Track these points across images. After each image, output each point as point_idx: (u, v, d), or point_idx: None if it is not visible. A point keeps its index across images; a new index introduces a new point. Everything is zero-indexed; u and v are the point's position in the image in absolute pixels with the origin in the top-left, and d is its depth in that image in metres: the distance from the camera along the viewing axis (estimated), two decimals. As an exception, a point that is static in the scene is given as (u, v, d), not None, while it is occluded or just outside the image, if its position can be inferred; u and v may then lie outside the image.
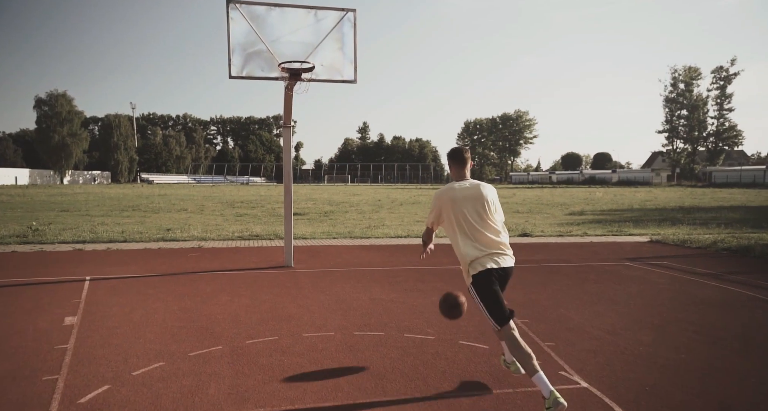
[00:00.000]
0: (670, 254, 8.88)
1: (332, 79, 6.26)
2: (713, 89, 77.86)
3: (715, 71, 77.26)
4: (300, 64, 5.98)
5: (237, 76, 6.02)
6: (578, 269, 7.41)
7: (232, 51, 5.98)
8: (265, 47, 6.13)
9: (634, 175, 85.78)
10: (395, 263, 7.91)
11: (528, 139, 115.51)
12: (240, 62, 6.04)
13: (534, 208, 21.61)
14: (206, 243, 10.22)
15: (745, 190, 50.22)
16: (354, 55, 6.30)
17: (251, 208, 21.38)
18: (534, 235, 11.74)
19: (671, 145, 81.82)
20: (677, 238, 10.34)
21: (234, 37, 5.99)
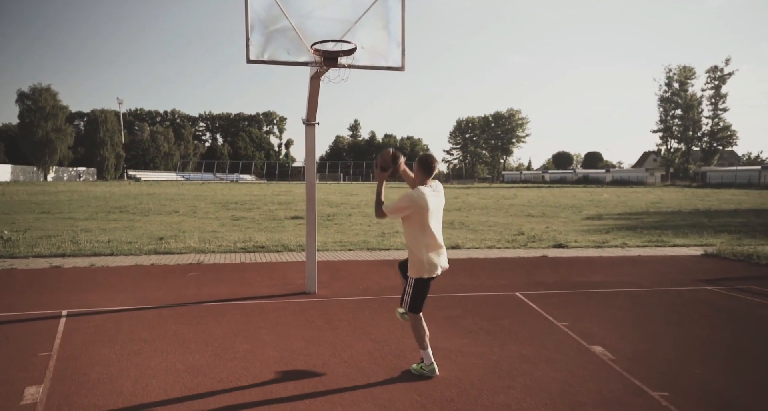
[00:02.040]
0: (747, 274, 7.75)
1: (375, 65, 5.00)
2: (708, 89, 77.61)
3: (710, 71, 76.97)
4: (336, 45, 4.70)
5: (257, 60, 4.74)
6: (659, 297, 6.22)
7: (250, 28, 4.69)
8: (291, 24, 4.85)
9: (628, 175, 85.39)
10: (436, 286, 6.65)
11: (520, 137, 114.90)
12: (260, 43, 4.76)
13: (547, 212, 20.51)
14: (205, 257, 8.91)
15: (747, 191, 49.70)
16: (402, 35, 5.04)
17: (247, 211, 20.02)
18: (570, 247, 10.58)
19: (666, 145, 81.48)
20: (737, 252, 9.22)
21: (253, 11, 4.70)
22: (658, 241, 11.23)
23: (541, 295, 6.16)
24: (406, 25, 5.06)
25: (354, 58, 4.88)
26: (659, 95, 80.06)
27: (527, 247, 10.52)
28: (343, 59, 4.77)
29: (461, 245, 10.50)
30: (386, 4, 5.01)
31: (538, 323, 4.96)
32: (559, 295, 6.19)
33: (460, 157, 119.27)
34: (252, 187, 50.23)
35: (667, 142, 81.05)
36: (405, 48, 5.03)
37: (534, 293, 6.21)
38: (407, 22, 5.05)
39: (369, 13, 4.97)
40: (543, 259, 9.01)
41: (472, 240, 11.35)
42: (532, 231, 13.56)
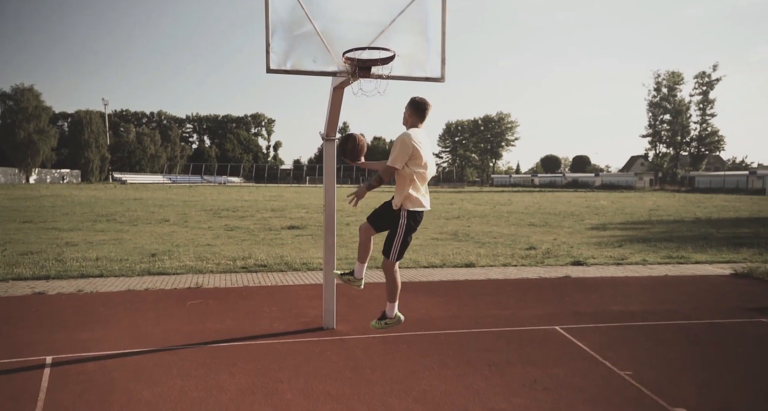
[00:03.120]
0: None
1: (412, 76, 4.36)
2: (695, 94, 78.26)
3: (698, 77, 77.61)
4: (371, 52, 4.05)
5: (278, 69, 4.08)
6: (717, 333, 5.61)
7: (271, 32, 4.03)
8: (317, 29, 4.20)
9: (617, 179, 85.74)
10: (465, 318, 6.04)
11: (509, 141, 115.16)
12: (282, 50, 4.09)
13: (548, 221, 20.02)
14: (204, 278, 8.19)
15: (737, 196, 49.89)
16: (442, 41, 4.41)
17: (241, 219, 19.26)
18: (589, 264, 10.03)
19: (654, 150, 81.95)
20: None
21: (275, 13, 4.04)
22: (678, 257, 10.73)
23: (583, 330, 5.56)
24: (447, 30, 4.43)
25: (389, 67, 4.24)
26: (648, 100, 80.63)
27: (544, 265, 9.95)
28: (377, 69, 4.13)
29: (475, 263, 9.90)
30: (424, 6, 4.37)
31: (598, 372, 4.35)
32: (603, 330, 5.60)
33: (449, 161, 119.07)
34: (242, 191, 49.28)
35: (656, 147, 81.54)
36: (445, 56, 4.40)
37: (575, 328, 5.61)
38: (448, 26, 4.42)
39: (405, 16, 4.34)
40: (567, 281, 8.44)
41: (485, 256, 10.75)
42: (541, 244, 13.02)
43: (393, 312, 4.46)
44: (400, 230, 4.18)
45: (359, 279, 4.73)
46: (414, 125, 4.04)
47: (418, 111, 3.96)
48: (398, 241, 4.19)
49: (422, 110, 3.99)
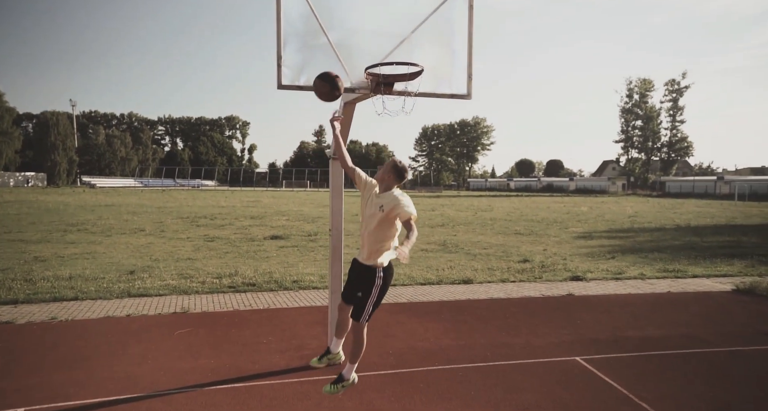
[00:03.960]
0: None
1: (437, 93, 3.95)
2: (666, 101, 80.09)
3: (668, 84, 79.46)
4: (395, 67, 3.63)
5: (291, 85, 3.63)
6: (745, 363, 5.34)
7: (283, 44, 3.58)
8: (330, 40, 3.76)
9: (591, 184, 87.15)
10: (479, 348, 5.65)
11: (485, 145, 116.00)
12: (296, 64, 3.64)
13: (534, 229, 19.89)
14: (190, 301, 7.63)
15: (708, 201, 51.04)
16: (468, 55, 4.02)
17: (220, 228, 18.56)
18: (588, 279, 9.79)
19: (627, 155, 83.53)
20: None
21: (288, 23, 3.59)
22: (675, 271, 10.59)
23: (605, 360, 5.24)
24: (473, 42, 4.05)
25: (414, 83, 3.83)
26: (621, 106, 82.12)
27: (543, 280, 9.67)
28: (399, 85, 3.72)
29: (473, 279, 9.56)
30: (449, 17, 3.99)
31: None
32: (626, 360, 5.29)
33: (425, 164, 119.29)
34: (217, 196, 48.14)
35: (628, 152, 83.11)
36: (472, 71, 4.01)
37: (596, 358, 5.29)
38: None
39: (428, 27, 3.94)
40: (571, 299, 8.16)
41: (481, 271, 10.43)
42: (533, 255, 12.80)
43: (351, 374, 4.09)
44: (375, 291, 3.86)
45: (336, 352, 4.43)
46: (391, 187, 3.86)
47: (399, 176, 3.83)
48: (372, 302, 3.88)
49: (402, 176, 3.87)
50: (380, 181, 3.89)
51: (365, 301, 3.90)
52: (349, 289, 4.10)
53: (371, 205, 3.89)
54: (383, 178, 3.87)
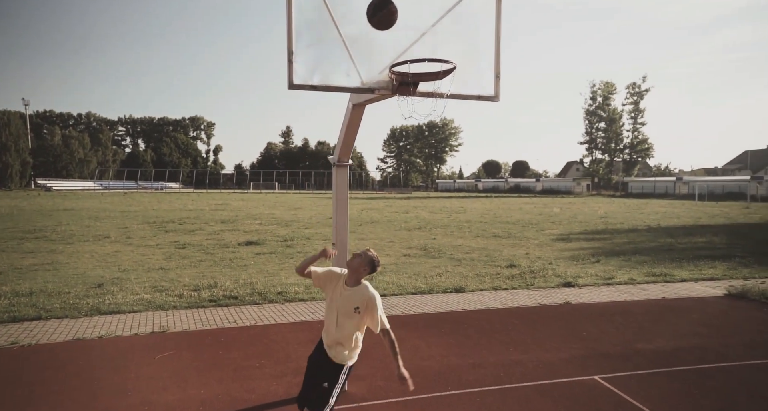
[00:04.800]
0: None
1: (462, 94, 3.56)
2: (627, 104, 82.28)
3: (629, 87, 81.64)
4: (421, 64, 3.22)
5: (303, 84, 3.18)
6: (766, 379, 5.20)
7: (295, 38, 3.12)
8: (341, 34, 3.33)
9: (557, 184, 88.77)
10: (490, 367, 5.29)
11: (453, 146, 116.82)
12: (309, 60, 3.19)
13: (511, 231, 19.81)
14: (168, 317, 7.03)
15: (670, 201, 52.55)
16: (496, 53, 3.66)
17: (190, 234, 17.76)
18: (580, 285, 9.61)
19: (591, 156, 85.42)
20: (767, 292, 8.58)
21: (301, 13, 3.13)
22: (663, 276, 10.53)
23: (625, 379, 4.97)
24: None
25: (441, 83, 3.44)
26: (585, 108, 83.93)
27: (535, 287, 9.44)
28: (426, 86, 3.32)
29: (464, 287, 9.24)
30: (473, 10, 3.61)
31: None
32: (646, 378, 5.03)
33: (394, 166, 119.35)
34: (183, 199, 46.66)
35: (592, 153, 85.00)
36: (500, 70, 3.64)
37: (615, 377, 5.01)
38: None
39: (451, 21, 3.55)
40: (569, 308, 7.92)
41: (471, 278, 10.13)
42: (517, 259, 12.62)
43: None
44: (337, 388, 3.61)
45: None
46: (361, 279, 3.60)
47: (372, 271, 3.63)
48: (337, 391, 3.59)
49: (375, 271, 3.66)
50: (353, 272, 3.55)
51: (332, 388, 3.57)
52: (309, 383, 3.66)
53: (344, 300, 3.55)
54: (358, 270, 3.54)
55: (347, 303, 3.51)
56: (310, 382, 3.67)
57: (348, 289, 3.55)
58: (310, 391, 3.63)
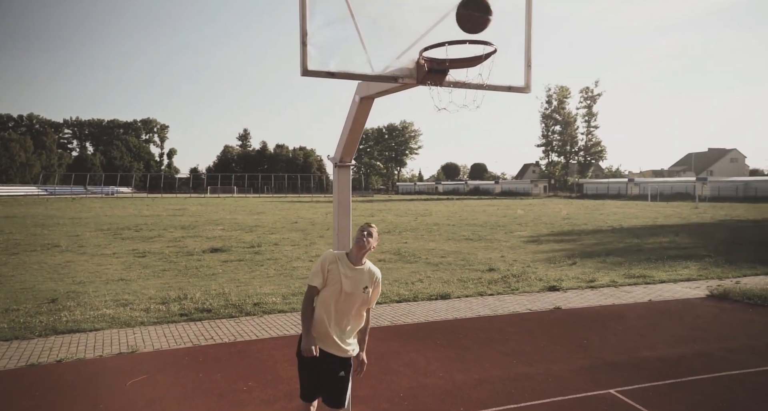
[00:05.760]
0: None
1: (492, 85, 3.18)
2: (581, 108, 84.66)
3: (583, 91, 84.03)
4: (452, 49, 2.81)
5: (319, 71, 2.72)
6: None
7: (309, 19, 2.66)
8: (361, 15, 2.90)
9: (515, 186, 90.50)
10: (498, 383, 4.94)
11: (413, 149, 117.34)
12: (325, 44, 2.73)
13: (481, 234, 19.72)
14: (136, 335, 6.36)
15: (624, 202, 54.26)
16: (527, 38, 3.30)
17: (149, 241, 16.76)
18: (564, 289, 9.45)
19: (547, 158, 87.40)
20: (748, 293, 8.62)
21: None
22: (643, 277, 10.52)
23: (642, 392, 4.72)
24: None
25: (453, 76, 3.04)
26: (541, 112, 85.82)
27: (520, 292, 9.21)
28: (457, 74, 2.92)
29: (450, 293, 8.90)
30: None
31: None
32: (664, 390, 4.79)
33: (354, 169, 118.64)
34: (137, 204, 44.68)
35: (549, 156, 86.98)
36: (531, 58, 3.29)
37: (632, 390, 4.75)
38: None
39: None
40: (561, 314, 7.70)
41: (454, 284, 9.82)
42: (493, 262, 12.43)
43: None
44: (350, 378, 3.40)
45: None
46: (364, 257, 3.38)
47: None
48: (349, 388, 3.44)
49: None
50: (365, 251, 3.28)
51: (345, 390, 3.33)
52: (314, 381, 3.33)
53: (352, 283, 3.25)
54: (369, 248, 3.31)
55: (357, 284, 3.25)
56: (311, 377, 3.33)
57: (354, 269, 3.28)
58: (314, 385, 3.34)
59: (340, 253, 3.34)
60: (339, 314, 3.27)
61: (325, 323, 3.24)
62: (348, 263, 3.27)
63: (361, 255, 3.28)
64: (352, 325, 3.34)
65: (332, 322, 3.26)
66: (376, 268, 3.39)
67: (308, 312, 3.25)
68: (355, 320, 3.34)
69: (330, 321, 3.25)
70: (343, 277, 3.22)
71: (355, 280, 3.24)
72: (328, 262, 3.24)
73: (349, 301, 3.25)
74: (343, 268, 3.24)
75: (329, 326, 3.25)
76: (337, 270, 3.23)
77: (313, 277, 3.27)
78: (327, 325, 3.24)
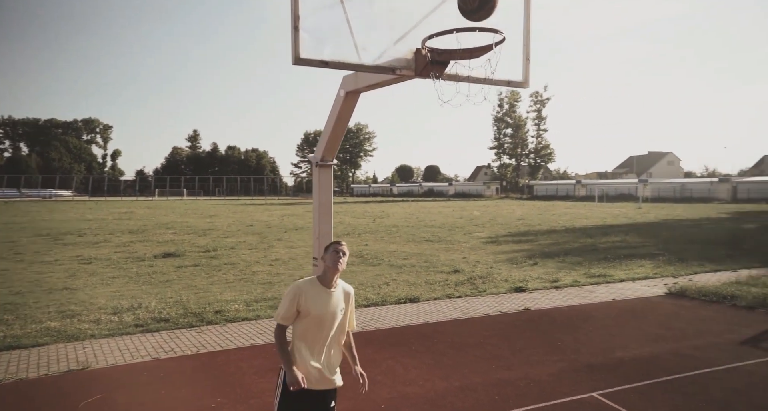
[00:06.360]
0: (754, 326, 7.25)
1: (490, 78, 3.01)
2: (531, 111, 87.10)
3: (533, 95, 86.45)
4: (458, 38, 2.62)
5: (311, 59, 2.45)
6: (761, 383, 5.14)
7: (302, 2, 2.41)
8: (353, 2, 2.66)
9: (469, 188, 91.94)
10: (480, 391, 4.79)
11: (368, 151, 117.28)
12: (319, 30, 2.48)
13: (440, 235, 19.75)
14: (85, 350, 5.84)
15: (573, 203, 56.06)
16: (525, 32, 3.15)
17: (95, 247, 15.81)
18: (530, 290, 9.48)
19: (499, 160, 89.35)
20: (704, 290, 8.89)
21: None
22: (604, 276, 10.72)
23: (623, 394, 4.69)
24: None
25: (453, 68, 2.86)
26: (493, 115, 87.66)
27: (487, 294, 9.17)
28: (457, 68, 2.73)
29: (418, 296, 8.75)
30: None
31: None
32: (644, 391, 4.77)
33: (308, 171, 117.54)
34: (79, 208, 42.36)
35: (501, 158, 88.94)
36: (530, 52, 3.14)
37: (613, 393, 4.71)
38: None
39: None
40: (531, 315, 7.69)
41: (420, 286, 9.69)
42: (456, 263, 12.42)
43: None
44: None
45: None
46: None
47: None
48: None
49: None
50: (338, 271, 3.02)
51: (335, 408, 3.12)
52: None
53: (333, 307, 3.01)
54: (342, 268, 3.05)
55: (335, 308, 3.02)
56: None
57: (329, 292, 3.02)
58: None
59: (308, 280, 3.04)
60: (321, 344, 2.99)
61: (308, 360, 2.95)
62: (322, 288, 3.00)
63: (334, 277, 3.03)
64: (336, 350, 3.10)
65: (315, 354, 2.98)
66: (348, 285, 3.17)
67: (285, 347, 2.93)
68: (338, 345, 3.12)
69: (314, 355, 2.97)
70: (320, 306, 2.96)
71: (333, 305, 3.01)
72: (299, 297, 2.94)
73: (330, 327, 3.01)
74: (318, 296, 2.97)
75: (315, 361, 2.97)
76: (311, 301, 2.95)
77: (282, 316, 2.96)
78: (310, 360, 2.96)
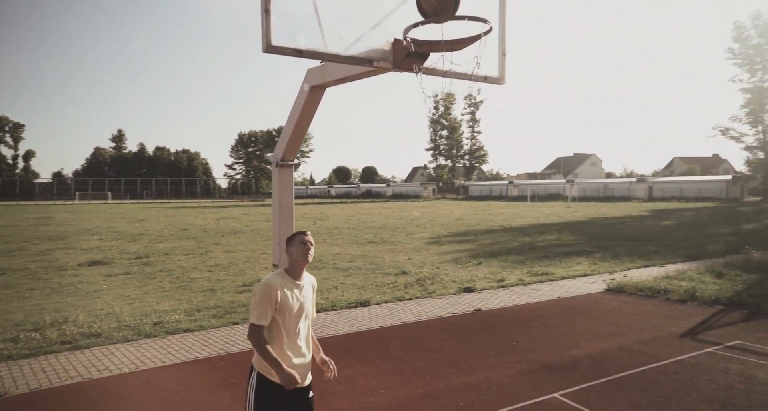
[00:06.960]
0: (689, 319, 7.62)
1: (466, 74, 2.88)
2: (465, 114, 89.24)
3: (467, 98, 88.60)
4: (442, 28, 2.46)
5: (283, 47, 2.21)
6: (703, 375, 5.31)
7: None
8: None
9: (406, 189, 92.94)
10: (444, 397, 4.66)
11: (304, 152, 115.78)
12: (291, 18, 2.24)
13: (382, 237, 19.71)
14: (3, 374, 5.20)
15: (506, 202, 57.91)
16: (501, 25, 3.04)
17: (8, 256, 14.46)
18: (479, 290, 9.55)
19: (435, 161, 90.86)
20: (640, 286, 9.30)
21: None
22: (546, 274, 10.99)
23: (583, 393, 4.73)
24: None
25: (432, 63, 2.72)
26: (429, 117, 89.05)
27: (437, 295, 9.14)
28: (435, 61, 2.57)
29: (369, 300, 8.57)
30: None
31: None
32: (601, 390, 4.83)
33: (243, 172, 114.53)
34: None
35: (437, 159, 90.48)
36: (506, 48, 3.04)
37: (572, 392, 4.74)
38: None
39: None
40: (483, 316, 7.70)
41: (367, 288, 9.52)
42: (402, 265, 12.36)
43: None
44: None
45: None
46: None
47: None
48: None
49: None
50: (307, 263, 2.95)
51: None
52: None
53: (303, 299, 2.95)
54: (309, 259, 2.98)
55: (306, 299, 2.97)
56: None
57: (299, 285, 2.95)
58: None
59: (278, 274, 2.90)
60: (299, 338, 2.91)
61: (291, 356, 2.82)
62: (292, 282, 2.91)
63: (303, 269, 2.96)
64: (310, 342, 3.07)
65: (295, 349, 2.87)
66: (310, 275, 3.10)
67: (267, 347, 2.74)
68: (310, 336, 3.08)
69: (294, 350, 2.86)
70: (294, 300, 2.87)
71: (304, 297, 2.96)
72: (275, 292, 2.79)
73: (306, 320, 2.98)
74: (290, 290, 2.87)
75: (297, 356, 2.88)
76: (285, 295, 2.83)
77: (259, 316, 2.77)
78: (293, 356, 2.85)
